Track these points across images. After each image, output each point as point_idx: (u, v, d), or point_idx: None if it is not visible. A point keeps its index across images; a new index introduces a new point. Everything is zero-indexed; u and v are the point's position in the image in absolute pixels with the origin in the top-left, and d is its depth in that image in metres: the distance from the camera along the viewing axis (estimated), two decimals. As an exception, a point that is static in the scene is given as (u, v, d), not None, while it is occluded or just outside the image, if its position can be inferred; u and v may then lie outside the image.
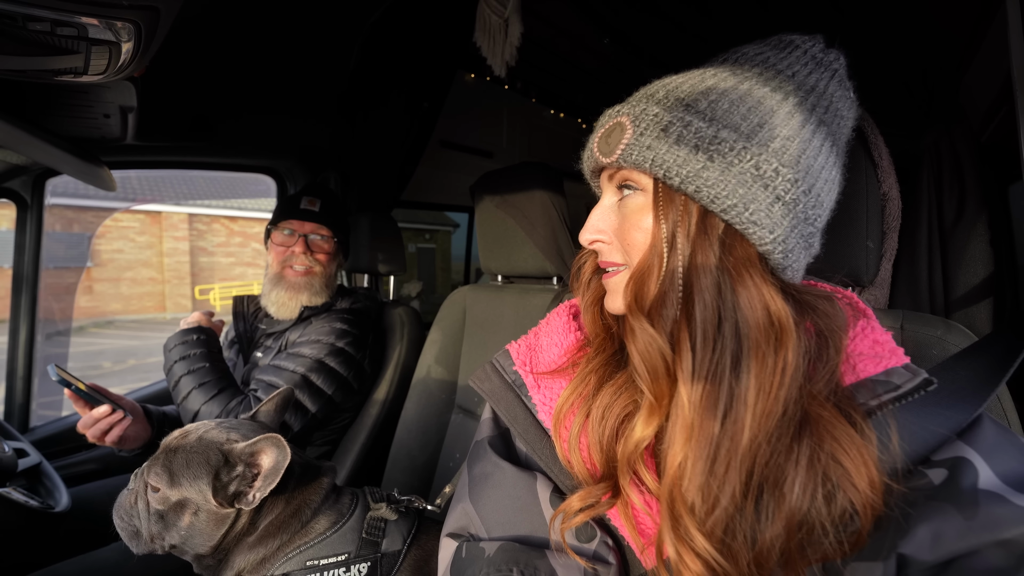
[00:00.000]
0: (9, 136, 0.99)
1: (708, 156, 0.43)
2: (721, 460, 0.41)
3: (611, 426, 0.49)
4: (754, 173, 0.43)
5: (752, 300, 0.43)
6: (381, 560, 0.73)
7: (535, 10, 1.80)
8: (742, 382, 0.42)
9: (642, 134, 0.45)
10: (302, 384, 1.16)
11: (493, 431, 0.60)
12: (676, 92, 0.46)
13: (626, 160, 0.46)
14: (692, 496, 0.42)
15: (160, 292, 10.88)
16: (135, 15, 0.58)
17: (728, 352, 0.42)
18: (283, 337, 1.28)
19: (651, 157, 0.44)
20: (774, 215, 0.43)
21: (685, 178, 0.43)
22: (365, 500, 0.79)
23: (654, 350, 0.45)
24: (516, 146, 2.89)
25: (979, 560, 0.35)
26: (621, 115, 0.48)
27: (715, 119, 0.44)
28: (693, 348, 0.43)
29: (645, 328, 0.45)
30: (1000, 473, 0.37)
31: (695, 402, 0.42)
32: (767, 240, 0.44)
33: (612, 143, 0.48)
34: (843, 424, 0.41)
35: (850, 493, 0.39)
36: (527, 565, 0.47)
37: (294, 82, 1.44)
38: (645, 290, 0.46)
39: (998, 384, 0.42)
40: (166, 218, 10.88)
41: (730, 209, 0.43)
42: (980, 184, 0.84)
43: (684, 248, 0.44)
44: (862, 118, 0.59)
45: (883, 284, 0.66)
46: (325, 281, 1.31)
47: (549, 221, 1.09)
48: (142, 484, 0.72)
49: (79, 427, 1.04)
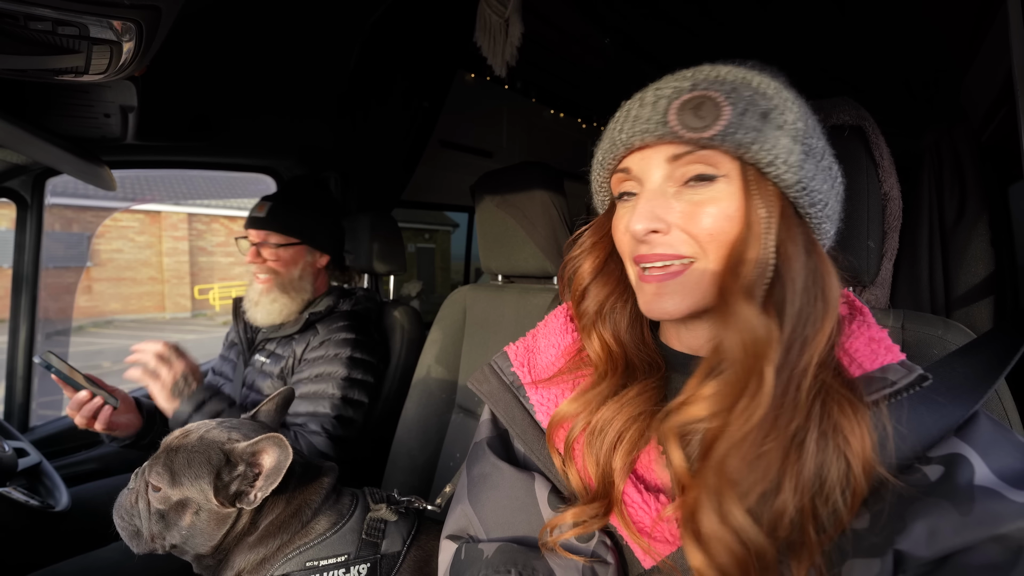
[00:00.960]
0: (9, 135, 0.99)
1: (804, 150, 0.43)
2: (774, 434, 0.40)
3: (610, 439, 0.49)
4: (829, 172, 0.46)
5: (835, 284, 0.45)
6: (381, 561, 0.73)
7: (536, 10, 1.80)
8: (805, 359, 0.42)
9: (743, 113, 0.42)
10: (343, 404, 1.18)
11: (492, 432, 0.60)
12: (747, 80, 0.44)
13: (727, 139, 0.42)
14: (737, 472, 0.40)
15: (159, 292, 10.86)
16: (136, 14, 0.58)
17: (805, 332, 0.43)
18: (289, 346, 1.25)
19: (759, 140, 0.42)
20: (836, 212, 0.47)
21: (791, 167, 0.43)
22: (365, 501, 0.79)
23: (759, 332, 0.41)
24: (516, 146, 2.89)
25: (975, 555, 0.35)
26: (706, 89, 0.44)
27: (796, 113, 0.44)
28: (781, 330, 0.42)
29: (749, 311, 0.42)
30: (996, 469, 0.37)
31: (773, 386, 0.41)
32: (829, 235, 0.47)
33: (706, 117, 0.43)
34: (843, 388, 0.42)
35: (848, 454, 0.40)
36: (525, 566, 0.47)
37: (294, 82, 1.44)
38: (742, 273, 0.43)
39: (995, 381, 0.43)
40: (165, 218, 10.87)
41: (819, 203, 0.45)
42: (981, 184, 0.84)
43: (774, 236, 0.44)
44: (863, 117, 0.59)
45: (884, 284, 0.66)
46: (292, 284, 1.27)
47: (550, 221, 1.09)
48: (143, 483, 0.72)
49: (67, 409, 1.06)
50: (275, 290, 1.25)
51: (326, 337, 1.23)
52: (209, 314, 11.18)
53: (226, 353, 1.41)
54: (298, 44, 1.29)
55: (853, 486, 0.39)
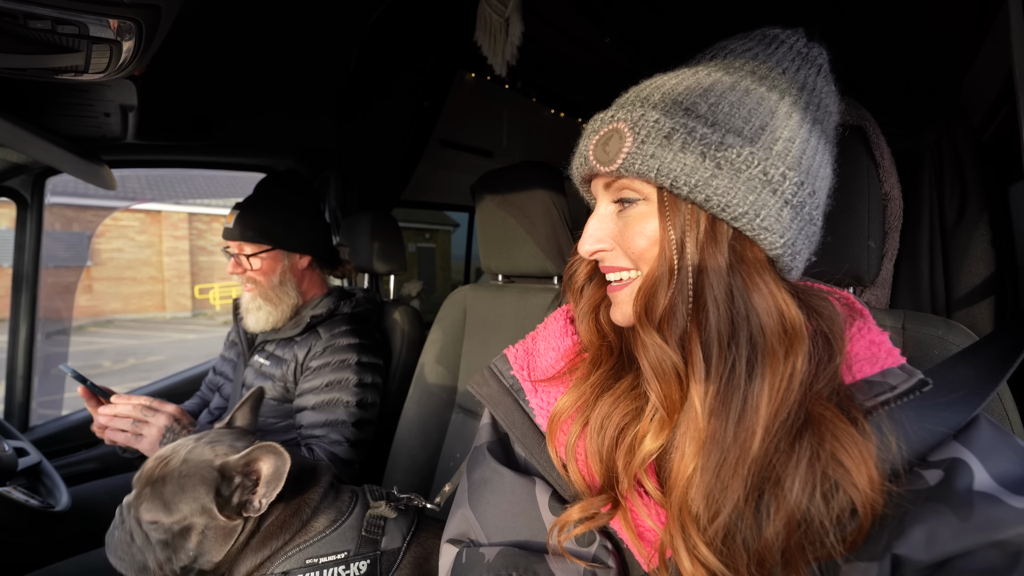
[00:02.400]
0: (9, 135, 0.99)
1: (716, 163, 0.42)
2: (728, 467, 0.41)
3: (610, 436, 0.49)
4: (762, 179, 0.42)
5: (768, 306, 0.43)
6: (380, 558, 0.73)
7: (536, 9, 1.80)
8: (754, 389, 0.41)
9: (643, 142, 0.43)
10: (358, 409, 1.19)
11: (492, 436, 0.60)
12: (672, 94, 0.45)
13: (628, 170, 0.44)
14: (697, 505, 0.41)
15: (160, 291, 10.87)
16: (136, 13, 0.58)
17: (743, 359, 0.42)
18: (291, 349, 1.23)
19: (656, 166, 0.43)
20: (783, 220, 0.43)
21: (694, 187, 0.42)
22: (365, 498, 0.79)
23: (667, 362, 0.44)
24: (516, 145, 2.89)
25: (974, 561, 0.35)
26: (617, 121, 0.45)
27: (718, 123, 0.43)
28: (707, 357, 0.42)
29: (656, 341, 0.44)
30: (995, 475, 0.37)
31: (708, 411, 0.42)
32: (777, 245, 0.43)
33: (611, 151, 0.45)
34: (844, 423, 0.40)
35: (850, 491, 0.39)
36: (526, 570, 0.47)
37: (294, 82, 1.44)
38: (655, 300, 0.45)
39: (997, 384, 0.42)
40: (166, 217, 10.88)
41: (741, 217, 0.42)
42: (981, 184, 0.84)
43: (694, 256, 0.43)
44: (863, 117, 0.59)
45: (884, 284, 0.66)
46: (273, 291, 1.24)
47: (550, 220, 1.09)
48: (133, 521, 0.70)
49: (94, 427, 1.00)
50: (259, 298, 1.24)
51: (329, 343, 1.22)
52: (209, 313, 11.19)
53: (227, 353, 1.41)
54: (298, 44, 1.29)
55: (855, 526, 0.39)
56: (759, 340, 0.42)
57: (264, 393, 0.92)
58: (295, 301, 1.27)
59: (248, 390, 1.24)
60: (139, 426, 0.97)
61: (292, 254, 1.27)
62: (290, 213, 1.27)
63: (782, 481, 0.40)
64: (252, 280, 1.23)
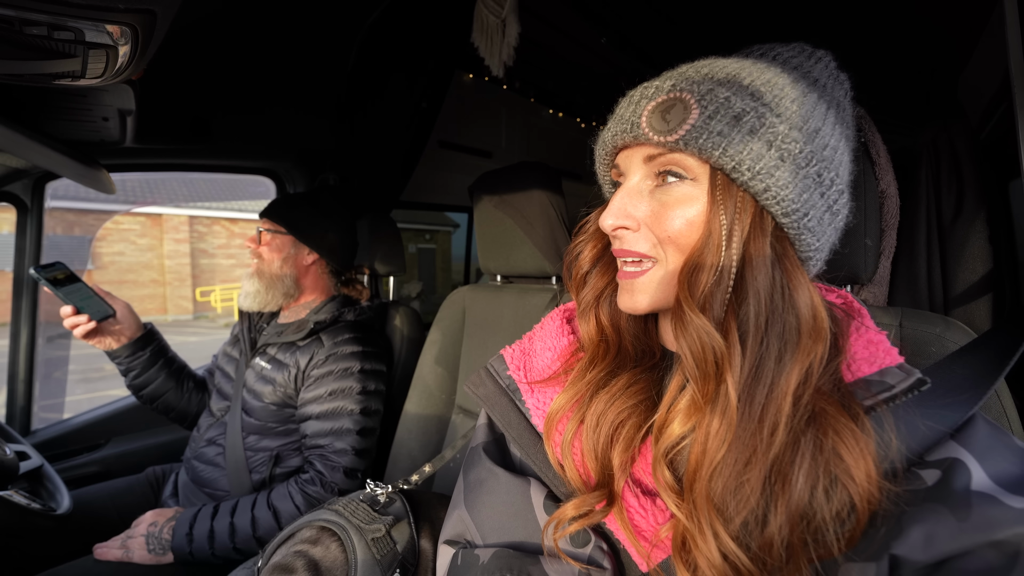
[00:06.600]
0: (8, 140, 0.99)
1: (780, 155, 0.41)
2: (755, 459, 0.40)
3: (605, 433, 0.49)
4: (816, 179, 0.42)
5: (808, 302, 0.42)
6: (405, 561, 0.70)
7: (533, 10, 1.80)
8: (782, 381, 0.41)
9: (711, 117, 0.42)
10: (363, 417, 1.20)
11: (488, 437, 0.60)
12: (738, 77, 0.43)
13: (689, 144, 0.42)
14: (721, 497, 0.40)
15: (161, 294, 10.88)
16: (131, 19, 0.58)
17: (775, 350, 0.41)
18: (293, 355, 1.22)
19: (723, 145, 0.41)
20: (824, 224, 0.43)
21: (756, 174, 0.41)
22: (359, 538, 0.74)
23: (707, 344, 0.42)
24: (515, 146, 2.89)
25: (972, 561, 0.35)
26: (680, 91, 0.43)
27: (783, 115, 0.42)
28: (744, 344, 0.41)
29: (699, 321, 0.42)
30: (993, 474, 0.37)
31: (738, 401, 0.41)
32: (813, 247, 0.44)
33: (672, 121, 0.43)
34: (845, 418, 0.40)
35: (849, 486, 0.39)
36: (521, 571, 0.46)
37: (292, 83, 1.44)
38: (698, 280, 0.43)
39: (995, 381, 0.42)
40: (167, 220, 10.89)
41: (792, 213, 0.42)
42: (979, 181, 0.84)
43: (739, 244, 0.43)
44: (860, 114, 0.59)
45: (882, 282, 0.66)
46: (271, 272, 1.27)
47: (548, 221, 1.09)
48: None
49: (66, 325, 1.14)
50: (255, 276, 1.28)
51: (332, 351, 1.21)
52: (211, 316, 11.20)
53: (230, 349, 1.40)
54: (296, 46, 1.29)
55: (853, 522, 0.38)
56: (792, 335, 0.42)
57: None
58: (289, 291, 1.31)
59: (248, 391, 1.25)
60: (127, 543, 1.05)
61: (301, 248, 1.32)
62: (318, 214, 1.34)
63: (787, 475, 0.40)
64: (257, 255, 1.29)
